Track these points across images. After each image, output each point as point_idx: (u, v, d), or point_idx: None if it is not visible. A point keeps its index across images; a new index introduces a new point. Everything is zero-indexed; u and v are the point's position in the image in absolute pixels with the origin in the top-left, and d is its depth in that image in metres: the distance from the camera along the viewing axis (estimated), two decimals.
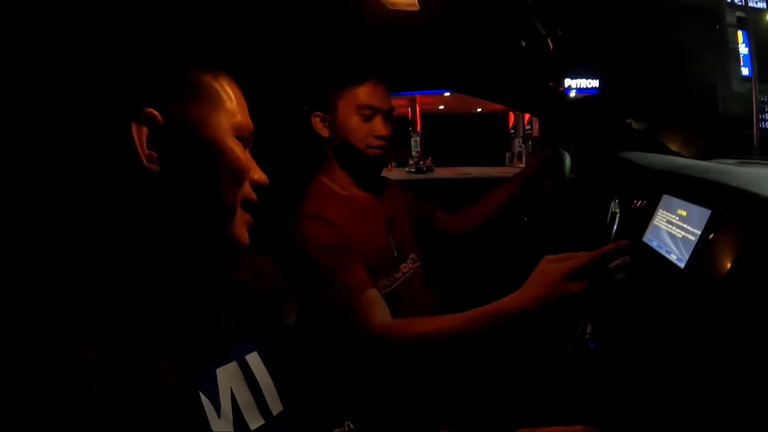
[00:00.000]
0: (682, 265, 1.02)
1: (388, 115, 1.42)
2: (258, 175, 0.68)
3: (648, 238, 1.24)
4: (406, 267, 1.50)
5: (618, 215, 1.37)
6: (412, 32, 1.69)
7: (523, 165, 14.72)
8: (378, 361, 1.31)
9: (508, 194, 1.79)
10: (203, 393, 0.58)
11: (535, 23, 1.70)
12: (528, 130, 15.90)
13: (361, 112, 1.35)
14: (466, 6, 1.59)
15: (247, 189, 0.66)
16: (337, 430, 0.81)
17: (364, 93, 1.36)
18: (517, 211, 2.00)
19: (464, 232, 1.82)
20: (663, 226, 1.17)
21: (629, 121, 2.41)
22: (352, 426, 0.88)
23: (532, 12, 1.63)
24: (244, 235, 0.66)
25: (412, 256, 1.55)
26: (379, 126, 1.38)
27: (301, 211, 1.34)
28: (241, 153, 0.66)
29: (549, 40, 1.79)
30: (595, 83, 11.77)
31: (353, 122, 1.35)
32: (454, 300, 1.75)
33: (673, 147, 1.86)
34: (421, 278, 1.59)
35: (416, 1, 1.47)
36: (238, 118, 0.66)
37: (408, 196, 1.70)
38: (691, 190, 1.11)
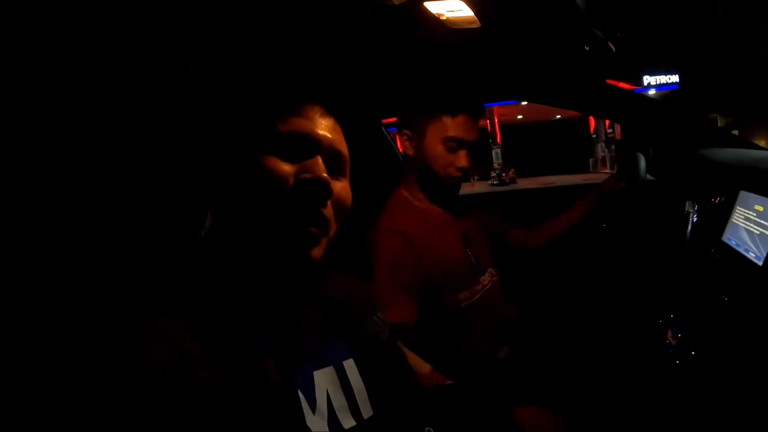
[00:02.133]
0: (760, 263, 0.98)
1: (472, 147, 1.46)
2: (309, 174, 0.63)
3: (727, 237, 1.20)
4: (485, 279, 1.52)
5: (692, 215, 1.33)
6: (474, 49, 1.73)
7: (608, 170, 14.01)
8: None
9: (580, 216, 1.77)
10: (301, 391, 0.63)
11: (592, 28, 1.68)
12: (610, 133, 15.16)
13: (447, 143, 1.40)
14: (522, 18, 1.61)
15: (286, 195, 0.63)
16: None
17: (454, 125, 1.40)
18: (596, 217, 1.97)
19: (538, 247, 1.81)
20: (741, 224, 1.13)
21: (713, 116, 2.29)
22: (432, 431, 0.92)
23: (586, 17, 1.61)
24: (306, 251, 0.64)
25: (490, 270, 1.56)
26: (462, 158, 1.43)
27: (379, 225, 1.38)
28: (278, 164, 0.63)
29: (609, 44, 1.76)
30: (674, 78, 10.95)
31: (438, 150, 1.39)
32: (532, 314, 1.76)
33: (760, 141, 1.76)
34: (499, 291, 1.60)
35: (476, 19, 1.50)
36: (282, 128, 0.64)
37: (483, 213, 1.73)
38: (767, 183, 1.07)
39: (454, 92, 1.47)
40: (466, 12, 1.30)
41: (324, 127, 0.67)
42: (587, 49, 1.86)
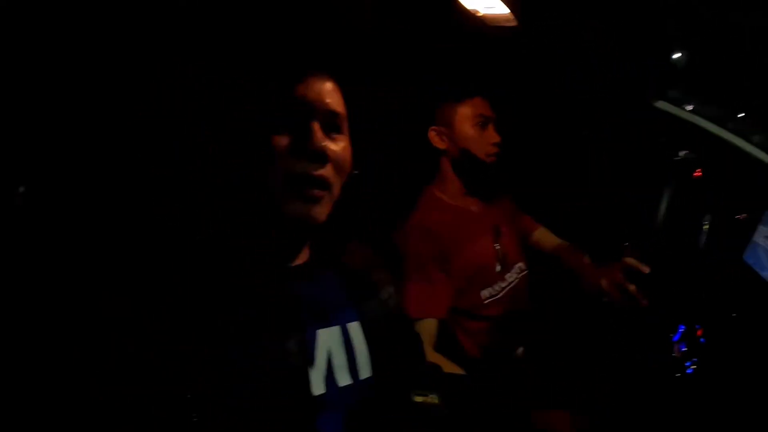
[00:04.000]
0: None
1: (497, 124, 1.50)
2: (307, 143, 0.67)
3: (747, 255, 1.18)
4: (511, 276, 1.52)
5: (707, 232, 1.31)
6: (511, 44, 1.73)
7: None
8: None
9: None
10: (303, 347, 0.67)
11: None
12: None
13: (477, 122, 1.44)
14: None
15: (287, 162, 0.66)
16: (420, 397, 0.86)
17: (476, 105, 1.45)
18: (618, 237, 1.94)
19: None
20: (761, 243, 1.12)
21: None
22: (436, 398, 0.94)
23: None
24: (300, 211, 0.68)
25: (519, 264, 1.56)
26: (493, 133, 1.47)
27: (409, 221, 1.40)
28: (274, 142, 0.66)
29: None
30: None
31: (471, 132, 1.44)
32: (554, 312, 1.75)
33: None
34: (525, 287, 1.58)
35: (513, 17, 1.50)
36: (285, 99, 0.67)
37: (514, 206, 1.72)
38: None
39: (462, 78, 1.50)
40: (501, 8, 1.30)
41: (318, 89, 0.69)
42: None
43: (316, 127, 0.67)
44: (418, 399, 0.86)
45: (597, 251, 1.74)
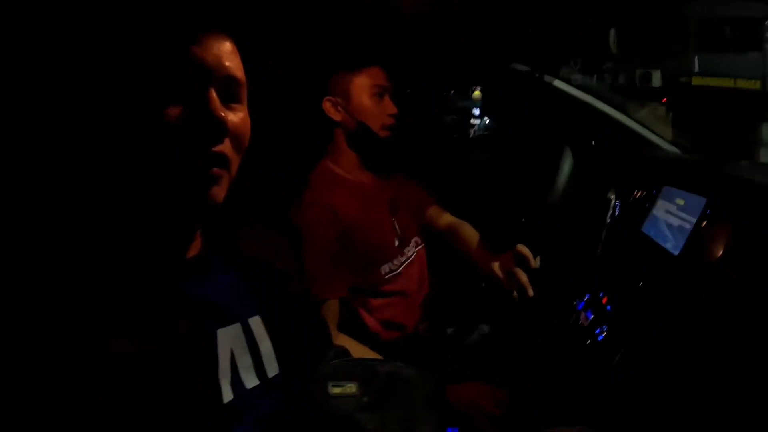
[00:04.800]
0: (676, 252, 1.04)
1: (393, 95, 1.46)
2: (205, 116, 0.59)
3: (646, 227, 1.26)
4: (409, 251, 1.52)
5: (613, 203, 1.39)
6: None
7: None
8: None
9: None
10: (202, 351, 0.61)
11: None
12: None
13: (373, 90, 1.39)
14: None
15: (185, 136, 0.59)
16: (337, 389, 0.84)
17: (373, 74, 1.40)
18: (514, 213, 2.01)
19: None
20: (661, 216, 1.19)
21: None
22: (354, 388, 0.90)
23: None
24: (200, 191, 0.61)
25: (415, 239, 1.56)
26: (390, 104, 1.43)
27: (305, 199, 1.35)
28: (165, 111, 0.58)
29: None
30: None
31: (367, 104, 1.39)
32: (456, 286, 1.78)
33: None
34: (425, 264, 1.60)
35: None
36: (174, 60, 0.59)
37: (412, 182, 1.71)
38: (689, 180, 1.13)
39: (359, 45, 1.46)
40: None
41: (216, 52, 0.61)
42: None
43: (214, 95, 0.60)
44: (336, 391, 0.83)
45: (492, 229, 1.80)
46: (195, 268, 0.66)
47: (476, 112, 5.06)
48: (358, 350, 1.25)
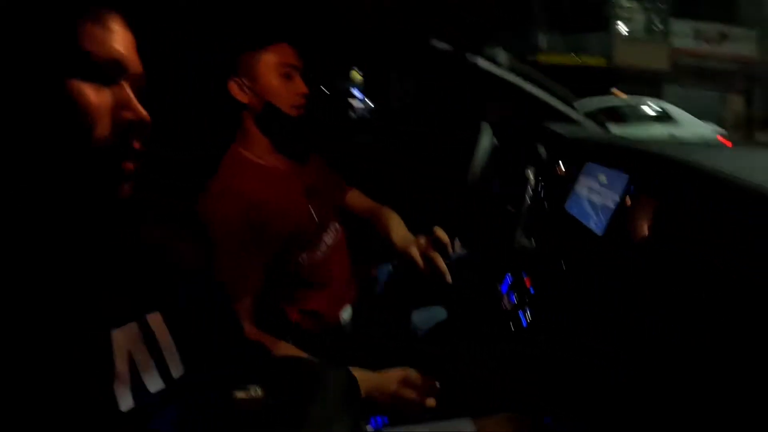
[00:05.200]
0: (599, 231, 1.00)
1: (303, 75, 1.36)
2: (132, 114, 0.59)
3: (568, 205, 1.23)
4: (328, 237, 1.44)
5: (532, 182, 1.35)
6: None
7: None
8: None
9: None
10: (95, 355, 0.55)
11: None
12: None
13: (282, 72, 1.30)
14: None
15: (104, 133, 0.57)
16: (242, 393, 0.75)
17: (282, 52, 1.31)
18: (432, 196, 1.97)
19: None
20: (584, 194, 1.16)
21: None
22: (260, 392, 0.82)
23: None
24: (113, 188, 0.60)
25: (334, 224, 1.48)
26: (300, 84, 1.34)
27: (213, 186, 1.26)
28: (88, 95, 0.56)
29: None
30: None
31: (275, 83, 1.31)
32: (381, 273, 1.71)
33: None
34: (345, 250, 1.52)
35: None
36: (90, 51, 0.56)
37: (325, 164, 1.63)
38: (612, 157, 1.10)
39: (266, 22, 1.36)
40: None
41: (128, 44, 0.61)
42: None
43: (130, 90, 0.60)
44: (240, 395, 0.75)
45: (411, 212, 1.74)
46: (88, 263, 0.60)
47: (357, 93, 5.08)
48: (278, 346, 1.17)
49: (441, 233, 1.26)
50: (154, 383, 0.60)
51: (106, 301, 0.59)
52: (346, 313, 1.46)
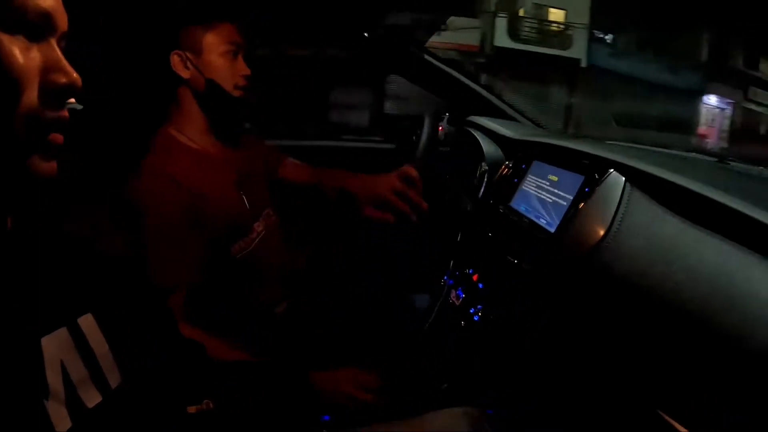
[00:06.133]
0: (552, 229, 1.02)
1: (246, 55, 1.33)
2: (64, 77, 0.51)
3: (516, 202, 1.25)
4: (259, 226, 1.38)
5: (486, 176, 1.37)
6: None
7: None
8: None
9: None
10: (23, 369, 0.48)
11: None
12: None
13: (226, 48, 1.26)
14: None
15: (32, 99, 0.49)
16: (194, 407, 0.73)
17: (229, 30, 1.27)
18: None
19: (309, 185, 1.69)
20: (533, 191, 1.18)
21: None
22: (211, 405, 0.77)
23: None
24: (40, 165, 0.51)
25: (267, 211, 1.43)
26: (243, 65, 1.30)
27: (143, 169, 1.18)
28: (14, 53, 0.48)
29: None
30: None
31: (220, 62, 1.27)
32: (320, 258, 1.67)
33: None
34: (279, 237, 1.47)
35: None
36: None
37: (264, 145, 1.57)
38: (562, 157, 1.13)
39: None
40: None
41: None
42: None
43: (56, 47, 0.52)
44: (192, 410, 0.73)
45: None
46: (7, 258, 0.53)
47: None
48: (213, 345, 1.10)
49: (410, 169, 1.31)
50: (90, 397, 0.54)
51: (30, 303, 0.52)
52: (281, 306, 1.42)
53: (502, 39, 14.33)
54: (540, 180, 1.17)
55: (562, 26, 14.29)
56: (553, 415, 0.93)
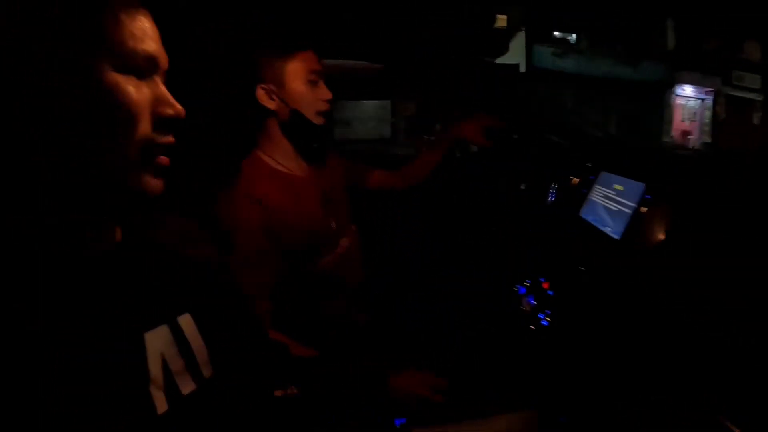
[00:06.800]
0: (617, 237, 1.05)
1: (326, 80, 1.40)
2: (171, 109, 0.58)
3: (584, 212, 1.28)
4: (345, 241, 1.48)
5: (555, 188, 1.41)
6: None
7: None
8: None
9: (441, 155, 1.76)
10: (130, 359, 0.55)
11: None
12: None
13: (309, 79, 1.33)
14: None
15: (146, 129, 0.56)
16: (280, 391, 0.79)
17: (308, 59, 1.34)
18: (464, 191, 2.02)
19: (398, 189, 1.80)
20: (600, 201, 1.21)
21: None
22: (296, 390, 0.85)
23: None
24: (150, 184, 0.58)
25: (350, 229, 1.53)
26: (324, 90, 1.37)
27: (235, 190, 1.29)
28: (129, 91, 0.55)
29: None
30: None
31: (302, 90, 1.34)
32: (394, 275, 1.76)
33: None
34: (359, 251, 1.57)
35: None
36: (129, 45, 0.55)
37: (345, 162, 1.67)
38: (627, 166, 1.15)
39: (296, 28, 1.41)
40: None
41: (159, 41, 0.60)
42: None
43: (162, 83, 0.59)
44: (278, 393, 0.80)
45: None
46: (113, 264, 0.59)
47: None
48: (296, 347, 1.21)
49: (484, 116, 1.55)
50: (186, 385, 0.61)
51: (137, 304, 0.59)
52: (363, 316, 1.50)
53: None
54: (606, 190, 1.20)
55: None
56: (617, 420, 0.95)
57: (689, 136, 12.19)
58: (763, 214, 0.80)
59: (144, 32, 0.57)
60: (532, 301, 1.31)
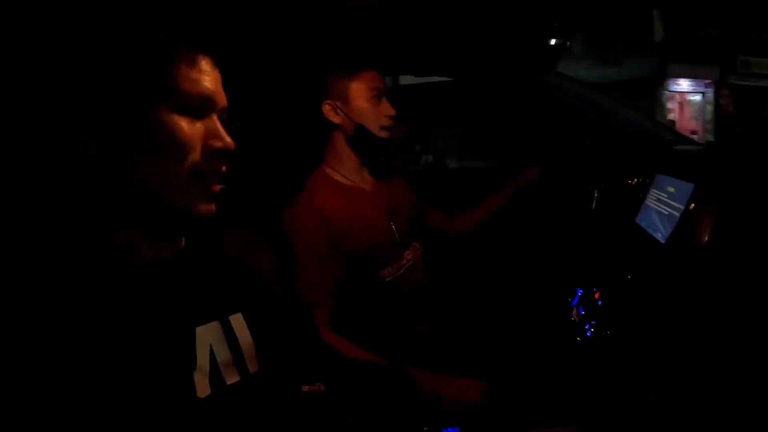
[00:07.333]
0: (663, 240, 0.99)
1: (389, 96, 1.47)
2: (220, 142, 0.65)
3: (639, 218, 1.22)
4: (409, 254, 1.50)
5: (597, 197, 1.35)
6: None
7: None
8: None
9: (499, 205, 1.79)
10: (178, 348, 0.62)
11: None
12: None
13: (372, 96, 1.40)
14: None
15: (196, 160, 0.63)
16: (307, 387, 0.82)
17: (371, 77, 1.42)
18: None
19: (459, 233, 1.81)
20: (653, 205, 1.15)
21: None
22: (323, 387, 0.88)
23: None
24: (201, 207, 0.65)
25: (414, 243, 1.55)
26: (387, 105, 1.43)
27: (300, 201, 1.36)
28: (182, 127, 0.62)
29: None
30: None
31: (366, 106, 1.41)
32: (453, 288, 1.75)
33: None
34: (422, 265, 1.58)
35: None
36: (186, 89, 0.62)
37: (407, 186, 1.70)
38: (679, 168, 1.09)
39: (359, 47, 1.48)
40: None
41: (217, 82, 0.66)
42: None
43: (219, 121, 0.66)
44: (305, 388, 0.82)
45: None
46: (176, 268, 0.67)
47: None
48: (353, 352, 1.22)
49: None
50: (230, 376, 0.66)
51: (191, 303, 0.66)
52: (423, 326, 1.51)
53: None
54: (660, 193, 1.13)
55: None
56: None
57: (694, 136, 10.35)
58: None
59: (201, 75, 0.63)
60: (582, 312, 1.26)
